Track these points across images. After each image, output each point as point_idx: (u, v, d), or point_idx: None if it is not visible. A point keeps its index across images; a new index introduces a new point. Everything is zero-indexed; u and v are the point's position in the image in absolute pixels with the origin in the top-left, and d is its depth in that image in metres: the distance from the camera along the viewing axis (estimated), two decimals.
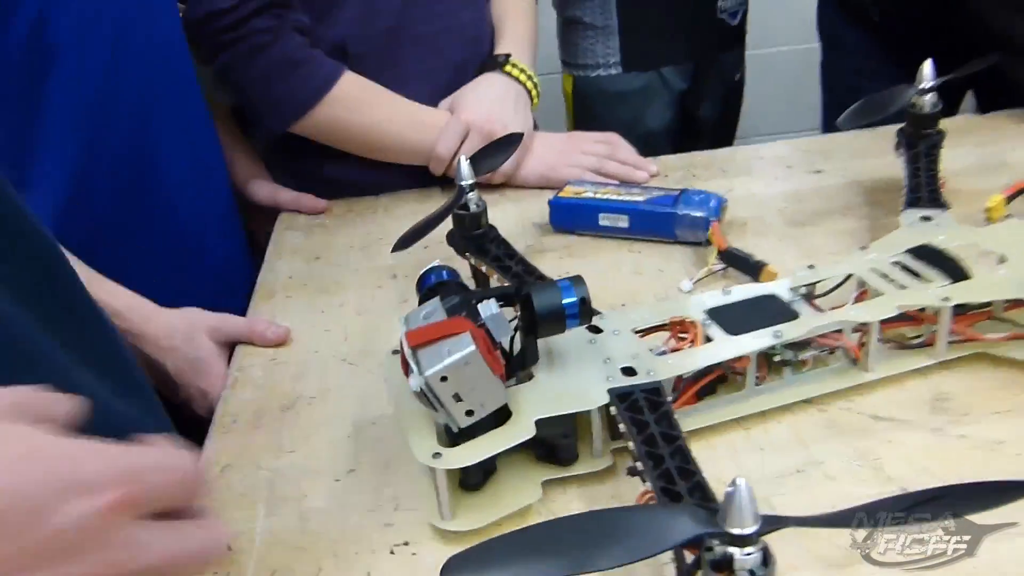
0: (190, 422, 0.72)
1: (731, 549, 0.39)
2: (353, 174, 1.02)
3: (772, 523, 0.39)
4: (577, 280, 0.58)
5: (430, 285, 0.61)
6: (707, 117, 1.55)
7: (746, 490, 0.39)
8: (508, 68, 1.05)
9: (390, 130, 0.98)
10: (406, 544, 0.56)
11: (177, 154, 0.91)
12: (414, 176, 1.03)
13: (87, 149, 0.82)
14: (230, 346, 0.80)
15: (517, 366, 0.59)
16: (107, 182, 0.83)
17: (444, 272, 0.62)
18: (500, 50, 1.07)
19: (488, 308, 0.56)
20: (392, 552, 0.56)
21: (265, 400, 0.72)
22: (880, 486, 0.56)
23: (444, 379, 0.52)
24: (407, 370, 0.54)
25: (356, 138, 0.98)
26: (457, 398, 0.53)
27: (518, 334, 0.59)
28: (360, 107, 0.97)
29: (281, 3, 0.93)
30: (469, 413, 0.54)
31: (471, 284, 0.78)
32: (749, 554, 0.39)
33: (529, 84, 1.06)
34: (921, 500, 0.41)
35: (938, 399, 0.63)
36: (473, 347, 0.52)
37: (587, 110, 1.49)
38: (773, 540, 0.40)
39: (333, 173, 1.02)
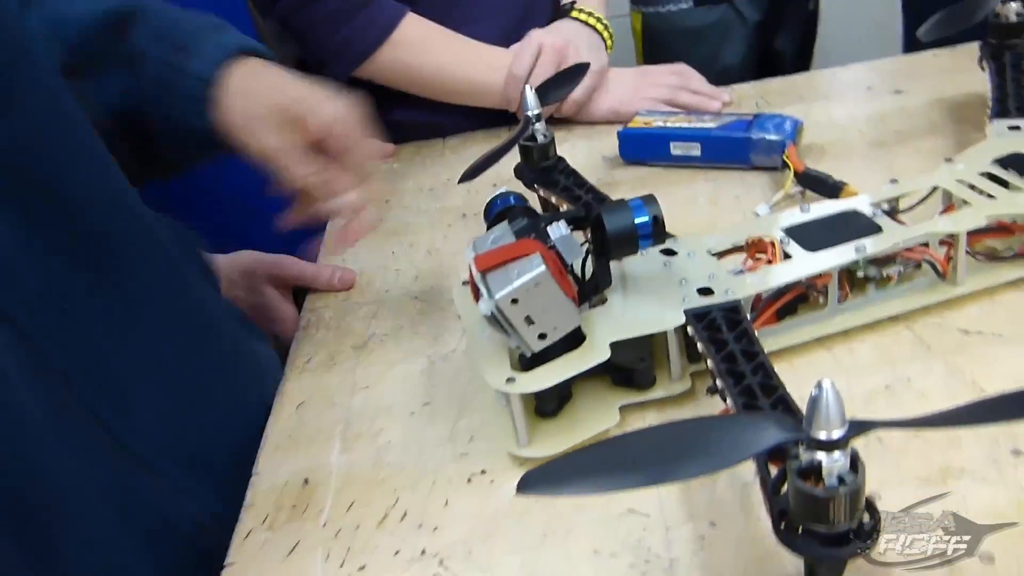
0: None
1: (818, 454, 0.37)
2: (420, 116, 1.01)
3: (860, 427, 0.37)
4: (649, 199, 0.56)
5: (498, 211, 0.60)
6: (783, 49, 1.50)
7: (832, 392, 0.37)
8: (575, 14, 1.03)
9: (456, 72, 0.97)
10: (483, 473, 0.56)
11: None
12: (482, 118, 1.02)
13: None
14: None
15: (590, 290, 0.58)
16: None
17: (511, 198, 0.61)
18: None
19: (558, 230, 0.55)
20: (469, 481, 0.55)
21: (338, 340, 0.72)
22: (963, 392, 0.53)
23: (515, 301, 0.51)
24: (477, 295, 0.53)
25: (422, 80, 0.98)
26: (529, 321, 0.52)
27: (590, 258, 0.58)
28: (424, 49, 0.96)
29: None
30: (542, 336, 0.53)
31: None
32: (837, 460, 0.37)
33: (600, 27, 1.03)
34: (1008, 401, 0.38)
35: None
36: (543, 267, 0.51)
37: (658, 48, 1.45)
38: (865, 456, 0.38)
39: (400, 116, 1.01)
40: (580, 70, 0.82)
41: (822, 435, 0.37)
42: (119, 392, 0.54)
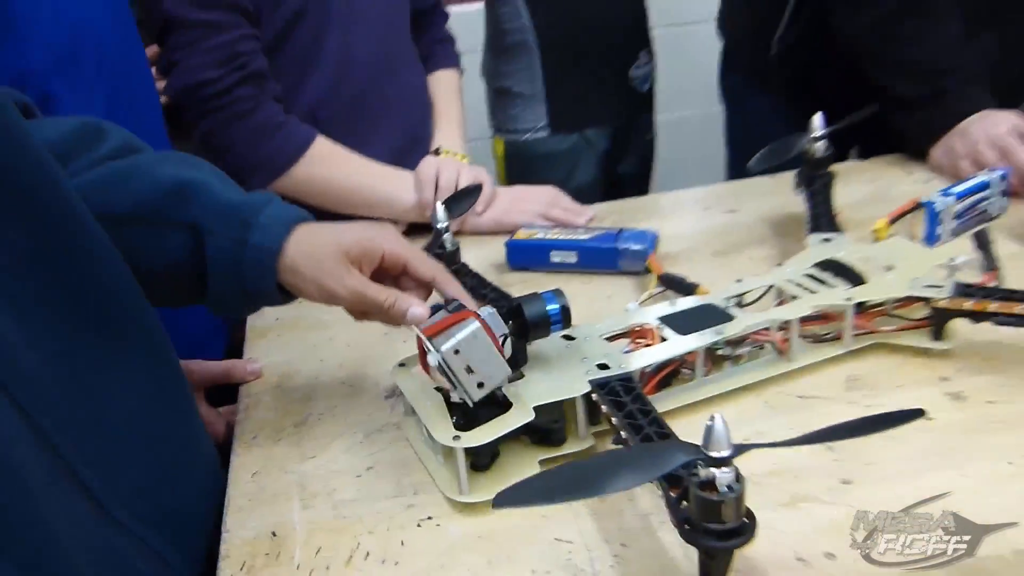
0: None
1: (712, 470, 0.52)
2: None
3: (741, 448, 0.52)
4: (558, 292, 0.71)
5: (432, 307, 0.73)
6: (626, 173, 1.72)
7: (722, 422, 0.51)
8: (445, 153, 1.18)
9: (363, 183, 1.10)
10: (430, 518, 0.67)
11: None
12: None
13: None
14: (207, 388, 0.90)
15: (511, 367, 0.71)
16: None
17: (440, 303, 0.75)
18: (434, 145, 1.21)
19: (486, 311, 0.69)
20: (419, 525, 0.67)
21: (279, 419, 0.82)
22: (809, 447, 0.69)
23: (457, 352, 0.64)
24: (424, 357, 0.66)
25: (335, 193, 1.10)
26: (469, 370, 0.65)
27: (509, 341, 0.71)
28: (334, 164, 1.09)
29: (260, 75, 1.05)
30: (480, 385, 0.65)
31: None
32: (726, 473, 0.52)
33: (465, 160, 1.20)
34: (839, 429, 0.54)
35: (850, 379, 0.77)
36: (477, 324, 0.64)
37: (519, 170, 1.63)
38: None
39: None
40: (477, 189, 0.97)
41: (715, 454, 0.51)
42: (105, 462, 0.62)
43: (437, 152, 1.17)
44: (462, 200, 0.94)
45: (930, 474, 0.65)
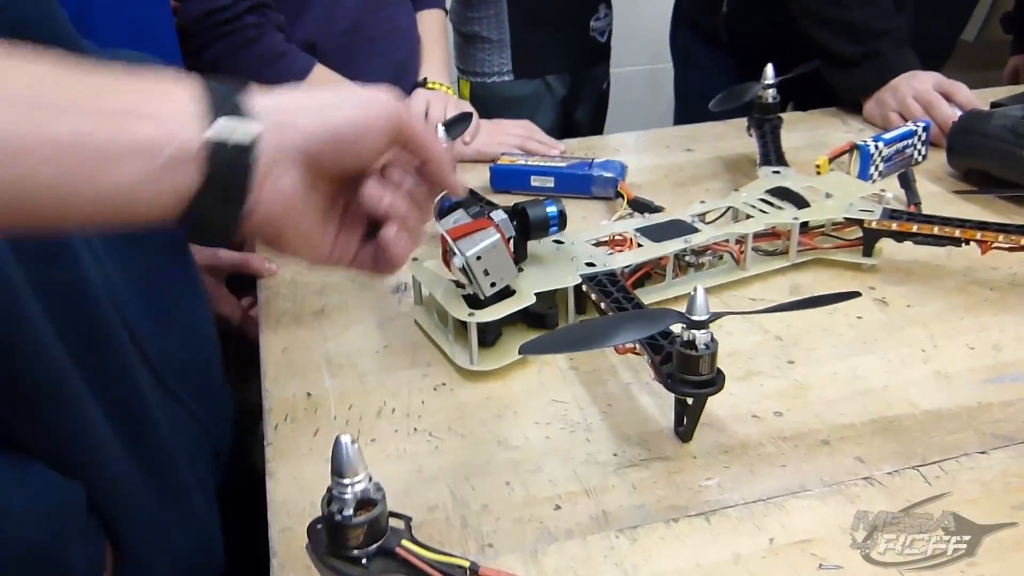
0: None
1: (693, 331, 0.65)
2: None
3: (716, 315, 0.65)
4: (557, 200, 0.83)
5: (450, 204, 0.84)
6: (581, 119, 1.84)
7: (702, 294, 0.64)
8: (431, 85, 1.29)
9: None
10: (444, 384, 0.79)
11: None
12: None
13: None
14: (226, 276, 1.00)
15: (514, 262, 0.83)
16: None
17: (451, 199, 0.86)
18: (421, 76, 1.31)
19: (498, 215, 0.80)
20: (435, 389, 0.79)
21: (298, 309, 0.93)
22: (761, 334, 0.83)
23: (479, 257, 0.76)
24: (447, 257, 0.78)
25: None
26: (486, 273, 0.77)
27: (512, 240, 0.84)
28: None
29: (265, 4, 1.14)
30: (492, 285, 0.77)
31: None
32: (704, 334, 0.65)
33: (451, 93, 1.30)
34: (795, 303, 0.68)
35: (793, 287, 0.91)
36: (497, 236, 0.76)
37: (483, 111, 1.73)
38: None
39: None
40: (468, 116, 1.09)
41: (696, 318, 0.64)
42: (160, 342, 0.71)
43: (424, 82, 1.27)
44: (459, 124, 1.05)
45: (858, 358, 0.80)
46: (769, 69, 1.15)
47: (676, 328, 0.66)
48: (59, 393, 0.56)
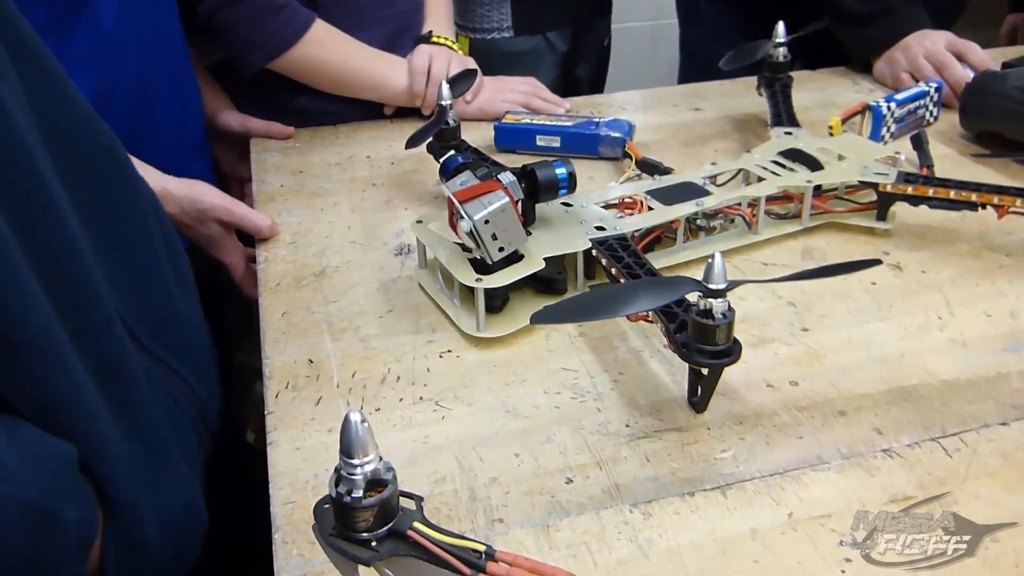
0: None
1: (710, 300, 0.63)
2: (320, 104, 1.20)
3: (734, 284, 0.63)
4: (566, 161, 0.81)
5: (456, 165, 0.82)
6: (582, 76, 1.80)
7: (720, 261, 0.62)
8: (436, 39, 1.25)
9: (358, 66, 1.17)
10: (450, 351, 0.77)
11: (167, 87, 1.07)
12: (369, 109, 1.22)
13: (102, 79, 0.97)
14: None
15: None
16: (115, 114, 0.98)
17: (460, 157, 0.83)
18: (425, 29, 1.28)
19: (506, 177, 0.78)
20: (441, 356, 0.77)
21: (298, 270, 0.90)
22: (774, 300, 0.81)
23: (487, 221, 0.73)
24: (454, 220, 0.75)
25: (329, 75, 1.17)
26: (494, 237, 0.74)
27: (520, 203, 0.81)
28: (332, 47, 1.15)
29: None
30: (501, 249, 0.75)
31: None
32: (721, 303, 0.63)
33: (456, 47, 1.27)
34: (814, 271, 0.66)
35: (805, 251, 0.89)
36: (506, 199, 0.74)
37: (483, 68, 1.70)
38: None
39: (302, 104, 1.20)
40: (472, 73, 1.05)
41: (713, 286, 0.62)
42: (134, 302, 0.69)
43: (429, 36, 1.23)
44: (463, 81, 1.02)
45: (873, 324, 0.78)
46: (780, 27, 1.12)
47: (691, 296, 0.64)
48: (49, 352, 0.55)
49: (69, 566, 0.55)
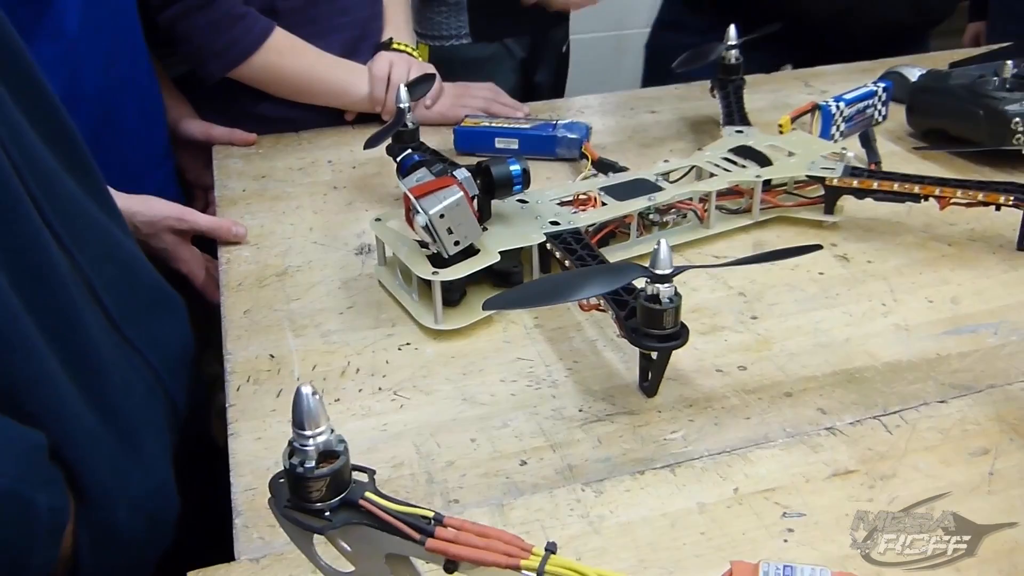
0: None
1: (657, 285, 0.65)
2: (281, 111, 1.21)
3: (679, 269, 0.65)
4: (519, 157, 0.83)
5: (412, 163, 0.83)
6: (542, 82, 1.82)
7: (666, 247, 0.64)
8: (396, 46, 1.27)
9: (319, 74, 1.19)
10: (408, 344, 0.79)
11: (131, 95, 1.09)
12: (331, 115, 1.24)
13: (65, 86, 0.98)
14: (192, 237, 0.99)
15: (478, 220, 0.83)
16: (78, 120, 0.99)
17: (416, 156, 0.85)
18: (385, 36, 1.30)
19: (461, 173, 0.80)
20: (400, 349, 0.78)
21: (260, 271, 0.92)
22: (725, 290, 0.84)
23: (442, 216, 0.75)
24: (410, 215, 0.77)
25: (289, 82, 1.18)
26: (449, 231, 0.76)
27: (476, 199, 0.83)
28: (292, 55, 1.17)
29: None
30: (456, 244, 0.77)
31: None
32: (668, 288, 0.65)
33: (416, 54, 1.29)
34: (759, 256, 0.68)
35: (756, 244, 0.92)
36: (461, 194, 0.76)
37: (443, 75, 1.72)
38: None
39: (264, 111, 1.21)
40: (431, 77, 1.07)
41: (660, 271, 0.64)
42: (114, 288, 0.71)
43: (389, 42, 1.25)
44: (421, 84, 1.04)
45: (820, 312, 0.81)
46: (732, 30, 1.15)
47: (640, 283, 0.66)
48: (15, 340, 0.56)
49: (41, 552, 0.56)
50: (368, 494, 0.45)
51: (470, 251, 0.79)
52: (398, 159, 0.89)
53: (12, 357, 0.56)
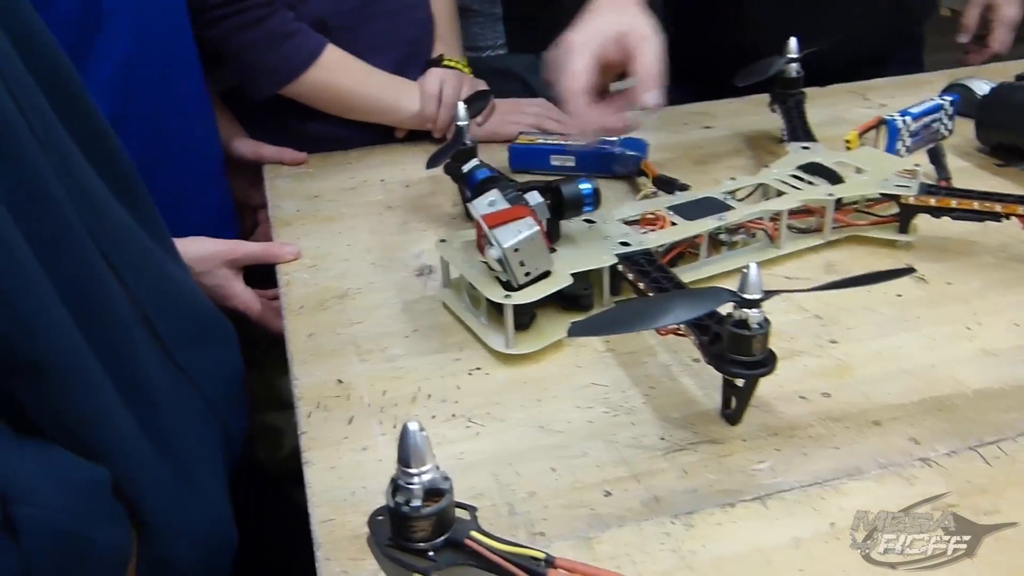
0: None
1: (746, 310, 0.63)
2: (332, 130, 1.20)
3: (770, 293, 0.63)
4: (589, 177, 0.81)
5: (482, 179, 0.81)
6: None
7: (756, 271, 0.62)
8: (447, 62, 1.26)
9: (370, 90, 1.17)
10: (479, 368, 0.77)
11: (187, 114, 1.08)
12: (378, 133, 1.23)
13: (118, 105, 0.97)
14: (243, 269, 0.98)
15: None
16: (128, 142, 0.99)
17: (485, 170, 0.84)
18: (436, 53, 1.28)
19: (534, 198, 0.78)
20: (470, 374, 0.76)
21: (319, 294, 0.90)
22: (800, 313, 0.81)
23: (516, 250, 0.73)
24: (482, 244, 0.75)
25: (341, 98, 1.17)
26: (521, 264, 0.74)
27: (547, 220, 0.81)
28: (344, 72, 1.15)
29: None
30: (527, 274, 0.75)
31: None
32: (757, 313, 0.63)
33: (467, 71, 1.27)
34: (847, 281, 0.66)
35: (828, 265, 0.89)
36: (537, 228, 0.74)
37: None
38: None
39: (316, 130, 1.20)
40: (487, 94, 1.06)
41: (749, 296, 0.62)
42: (167, 315, 0.70)
43: (440, 59, 1.24)
44: (478, 101, 1.03)
45: (900, 336, 0.78)
46: (792, 42, 1.12)
47: (722, 308, 0.64)
48: (79, 375, 0.56)
49: None
50: (473, 533, 0.44)
51: (541, 273, 0.77)
52: (465, 170, 0.87)
53: (76, 392, 0.56)
